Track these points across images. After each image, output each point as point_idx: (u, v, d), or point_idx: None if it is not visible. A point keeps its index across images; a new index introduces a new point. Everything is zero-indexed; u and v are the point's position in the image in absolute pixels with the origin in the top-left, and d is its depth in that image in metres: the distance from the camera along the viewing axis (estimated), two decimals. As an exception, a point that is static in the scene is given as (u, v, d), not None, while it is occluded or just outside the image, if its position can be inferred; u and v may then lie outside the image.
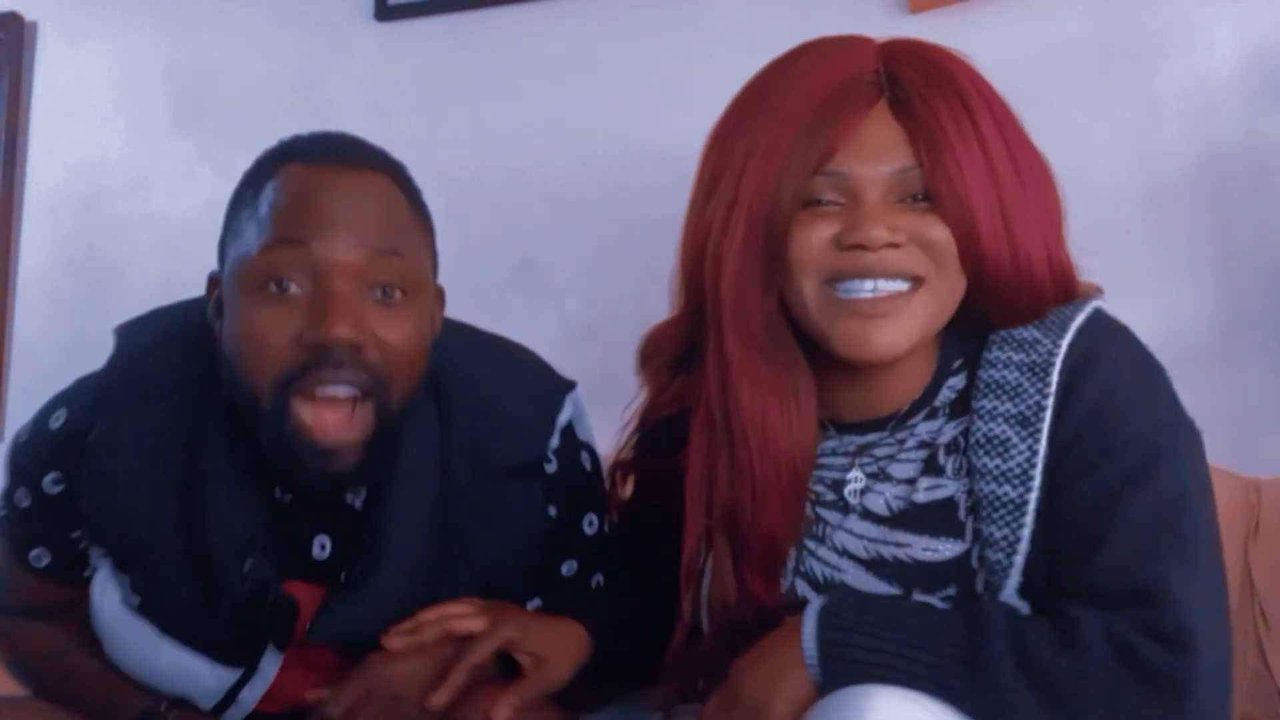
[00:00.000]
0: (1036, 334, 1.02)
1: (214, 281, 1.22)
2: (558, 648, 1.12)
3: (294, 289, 1.08)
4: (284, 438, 1.06)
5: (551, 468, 1.27)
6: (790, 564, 1.05)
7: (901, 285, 0.99)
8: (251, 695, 1.17)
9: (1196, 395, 1.90)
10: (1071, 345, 1.01)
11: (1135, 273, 1.91)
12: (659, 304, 2.20)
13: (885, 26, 2.20)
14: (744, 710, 0.92)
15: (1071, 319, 1.03)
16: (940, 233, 1.00)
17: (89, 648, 1.24)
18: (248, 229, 1.08)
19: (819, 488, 1.06)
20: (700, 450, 1.07)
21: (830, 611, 0.93)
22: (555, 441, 1.27)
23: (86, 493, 1.16)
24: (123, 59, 2.54)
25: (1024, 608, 0.95)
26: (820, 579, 1.03)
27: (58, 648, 1.27)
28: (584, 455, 1.32)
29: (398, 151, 2.35)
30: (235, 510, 1.13)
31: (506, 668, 1.12)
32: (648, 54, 2.23)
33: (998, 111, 1.04)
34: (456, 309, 1.99)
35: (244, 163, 2.43)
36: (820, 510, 1.06)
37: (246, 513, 1.13)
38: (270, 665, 1.16)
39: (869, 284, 0.99)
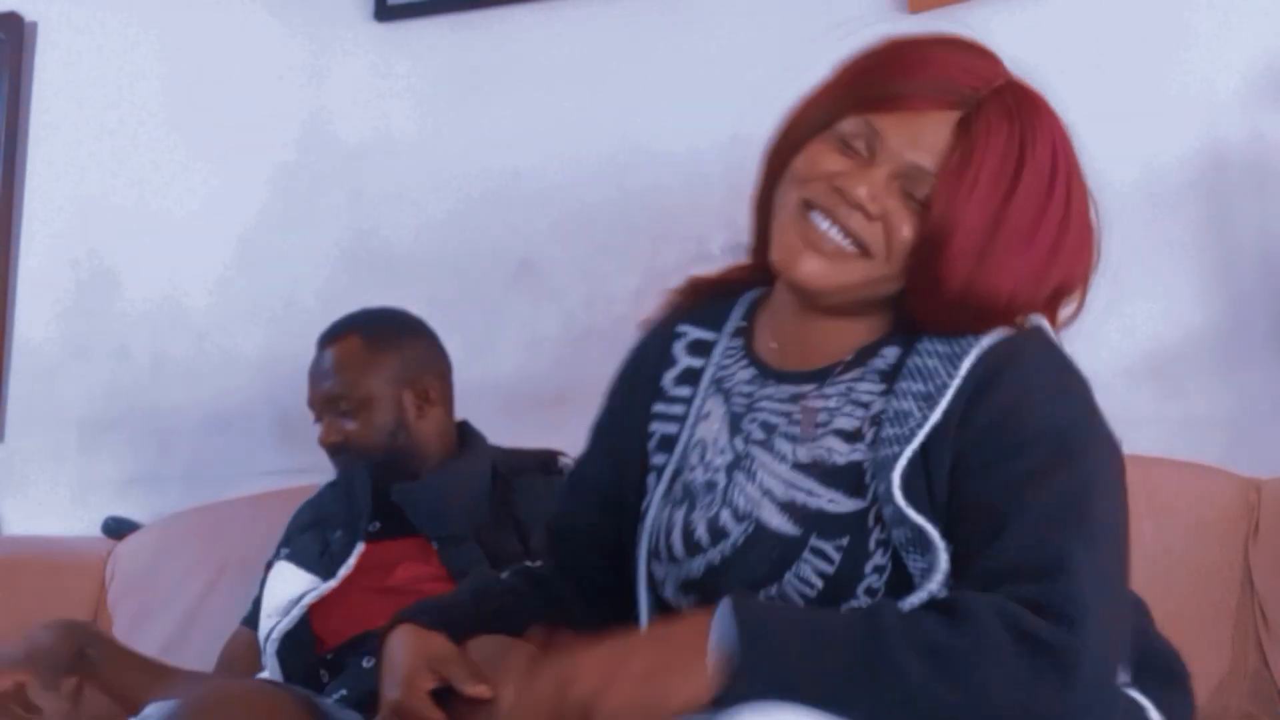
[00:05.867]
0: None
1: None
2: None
3: None
4: None
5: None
6: (720, 493, 1.14)
7: (846, 243, 1.08)
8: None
9: (1196, 395, 1.92)
10: (994, 345, 1.07)
11: (1135, 273, 1.91)
12: (659, 304, 2.21)
13: (885, 26, 2.20)
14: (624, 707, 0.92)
15: (1002, 326, 1.10)
16: (908, 231, 1.07)
17: None
18: None
19: (752, 427, 1.15)
20: None
21: (743, 605, 0.96)
22: None
23: None
24: (123, 59, 2.55)
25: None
26: (741, 512, 1.11)
27: None
28: None
29: (398, 151, 2.36)
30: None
31: None
32: (648, 54, 2.23)
33: (1058, 178, 1.10)
34: (457, 309, 1.99)
35: (244, 162, 2.45)
36: (751, 448, 1.14)
37: None
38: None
39: (826, 224, 1.08)
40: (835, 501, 1.06)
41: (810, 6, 2.13)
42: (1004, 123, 1.07)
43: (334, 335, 1.84)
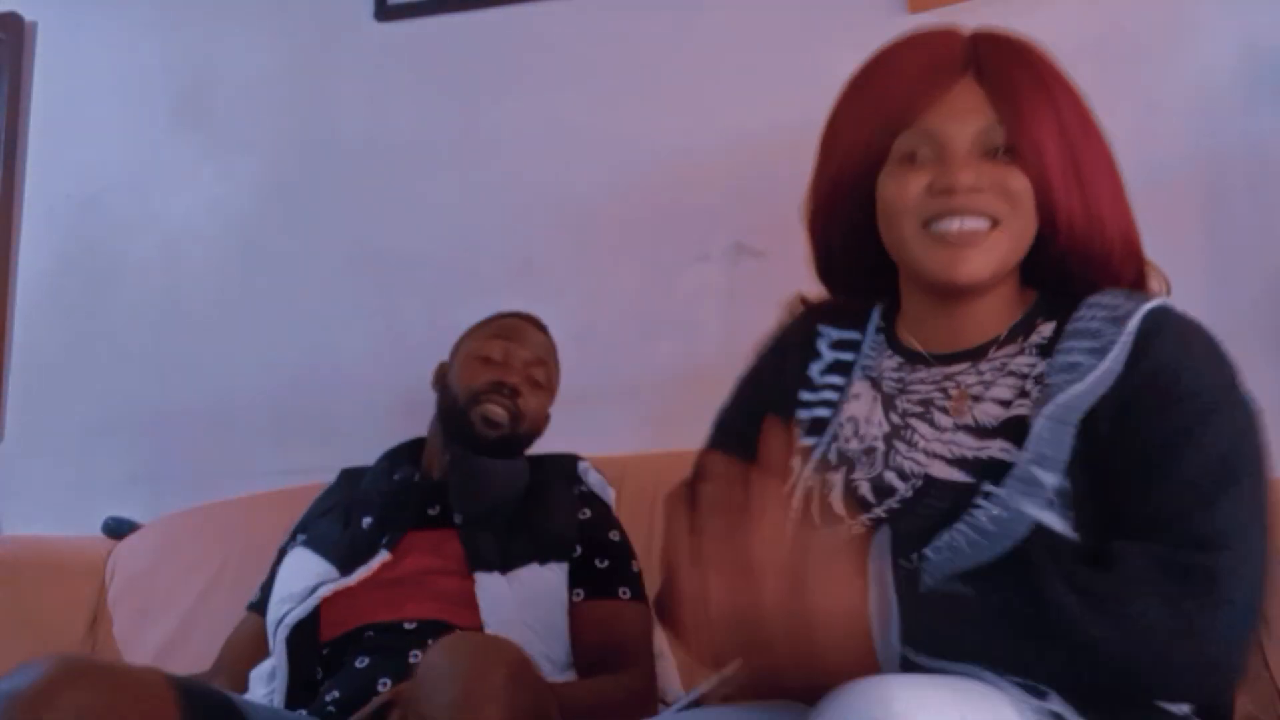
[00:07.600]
0: (1120, 299, 1.16)
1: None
2: None
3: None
4: None
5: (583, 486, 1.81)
6: (880, 457, 1.18)
7: (982, 223, 1.15)
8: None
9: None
10: (1151, 310, 1.13)
11: (1135, 273, 1.91)
12: (659, 304, 2.21)
13: (885, 26, 2.20)
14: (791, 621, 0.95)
15: (1151, 296, 1.18)
16: (1019, 182, 1.15)
17: None
18: None
19: (907, 405, 1.20)
20: None
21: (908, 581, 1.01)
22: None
23: None
24: (123, 59, 2.55)
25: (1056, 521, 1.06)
26: (908, 472, 1.15)
27: None
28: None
29: (398, 151, 2.37)
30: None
31: None
32: (647, 54, 2.23)
33: (1071, 89, 1.21)
34: (457, 308, 1.99)
35: (244, 163, 2.45)
36: (909, 420, 1.19)
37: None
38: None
39: (956, 222, 1.15)
40: (1007, 450, 1.10)
41: (810, 7, 2.13)
42: (1009, 60, 1.18)
43: (528, 317, 1.92)
